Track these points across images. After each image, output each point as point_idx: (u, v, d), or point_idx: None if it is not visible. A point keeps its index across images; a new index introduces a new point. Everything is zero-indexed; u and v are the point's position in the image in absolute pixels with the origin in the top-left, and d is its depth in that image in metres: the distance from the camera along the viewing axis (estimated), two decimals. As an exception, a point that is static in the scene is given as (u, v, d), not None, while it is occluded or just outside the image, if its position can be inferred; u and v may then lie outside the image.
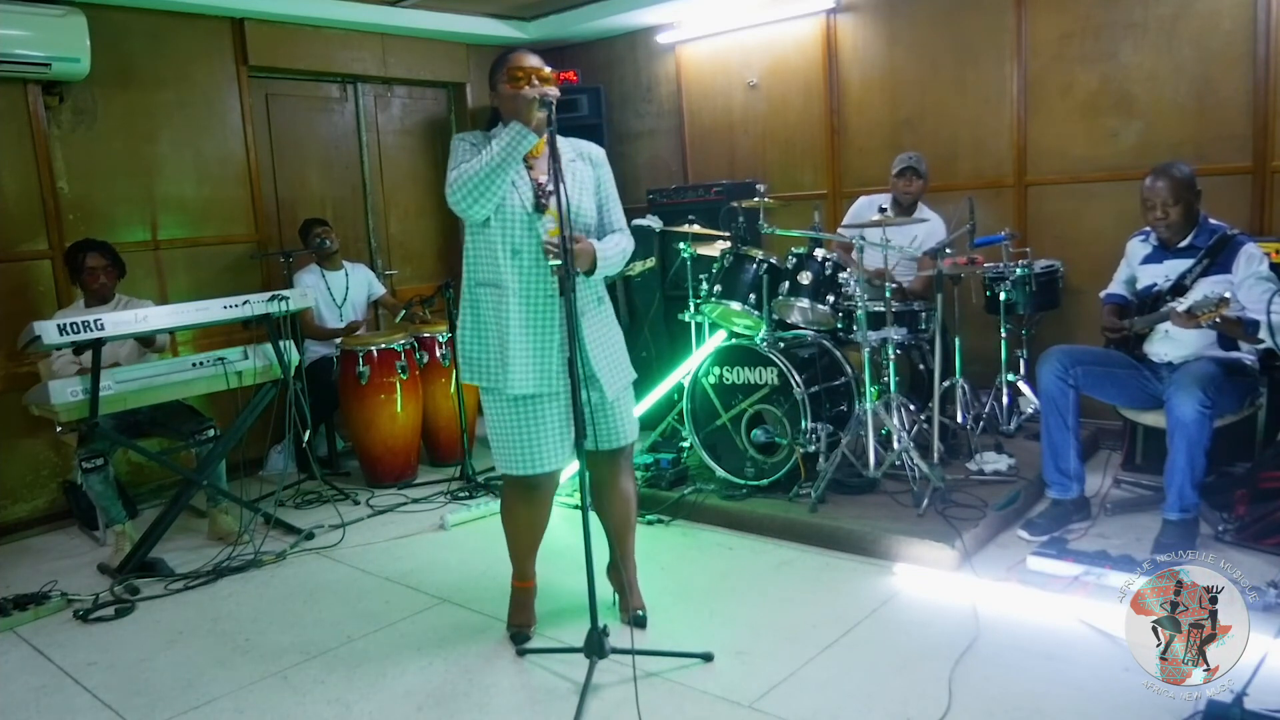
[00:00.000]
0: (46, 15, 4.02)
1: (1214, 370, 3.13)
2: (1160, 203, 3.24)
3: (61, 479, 4.40)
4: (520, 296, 2.55)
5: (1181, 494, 3.10)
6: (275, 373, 3.85)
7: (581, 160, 2.70)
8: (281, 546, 3.77)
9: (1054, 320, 4.54)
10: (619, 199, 2.78)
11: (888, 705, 2.36)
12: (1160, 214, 3.25)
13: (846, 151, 5.27)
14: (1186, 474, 3.07)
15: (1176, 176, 3.22)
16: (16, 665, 2.94)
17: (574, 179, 2.63)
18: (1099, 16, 4.34)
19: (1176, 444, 3.08)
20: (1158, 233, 3.34)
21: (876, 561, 3.26)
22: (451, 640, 2.89)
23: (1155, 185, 3.24)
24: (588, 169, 2.70)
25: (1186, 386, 3.07)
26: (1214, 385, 3.06)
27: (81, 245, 3.97)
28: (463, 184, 2.48)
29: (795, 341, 3.92)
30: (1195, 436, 3.04)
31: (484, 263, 2.59)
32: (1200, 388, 3.03)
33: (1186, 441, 3.05)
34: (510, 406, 2.61)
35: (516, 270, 2.54)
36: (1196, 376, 3.09)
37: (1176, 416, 3.06)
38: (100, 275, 3.93)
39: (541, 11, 5.73)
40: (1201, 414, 3.02)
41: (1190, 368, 3.19)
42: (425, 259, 6.12)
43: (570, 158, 2.66)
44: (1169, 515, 3.13)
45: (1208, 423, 3.04)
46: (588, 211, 2.65)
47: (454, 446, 4.80)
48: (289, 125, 5.34)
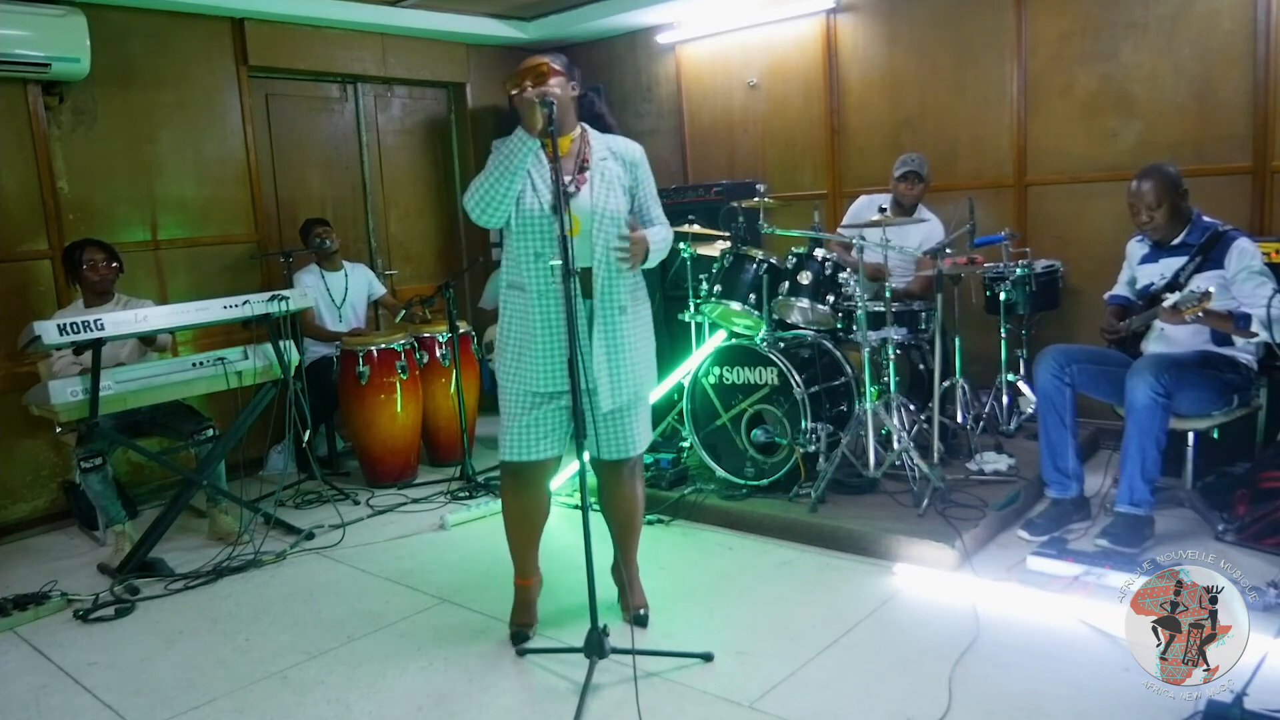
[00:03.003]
0: (46, 15, 4.02)
1: (1175, 360, 3.12)
2: (1144, 206, 3.25)
3: (61, 479, 4.40)
4: (541, 299, 2.56)
5: (1132, 486, 3.10)
6: (275, 373, 3.85)
7: (614, 158, 2.67)
8: (281, 546, 3.77)
9: (1054, 320, 4.54)
10: (657, 196, 2.79)
11: (888, 705, 2.36)
12: (1145, 218, 3.27)
13: (846, 151, 5.27)
14: (1137, 464, 3.07)
15: (1158, 179, 3.22)
16: (16, 665, 2.93)
17: (602, 177, 2.62)
18: (1099, 16, 4.34)
19: (1129, 431, 3.10)
20: (1147, 235, 3.36)
21: (876, 561, 3.26)
22: (451, 640, 2.89)
23: (1139, 189, 3.25)
24: (618, 167, 2.67)
25: (1140, 371, 3.08)
26: (1170, 374, 3.05)
27: (78, 243, 3.97)
28: (474, 194, 2.54)
29: (795, 341, 3.92)
30: (1146, 424, 3.04)
31: (510, 265, 2.65)
32: (1154, 374, 3.03)
33: (1138, 429, 3.06)
34: (515, 396, 2.65)
35: (537, 273, 2.56)
36: (1153, 363, 3.10)
37: (1129, 401, 3.07)
38: (100, 266, 3.91)
39: (541, 11, 5.73)
40: (1153, 400, 3.01)
41: (1152, 356, 3.20)
42: (425, 259, 6.12)
43: (601, 155, 2.65)
44: (1118, 506, 3.15)
45: (1160, 412, 3.03)
46: (614, 209, 2.61)
47: (454, 446, 4.80)
48: (289, 125, 5.34)
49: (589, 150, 2.64)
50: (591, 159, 2.63)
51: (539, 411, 2.64)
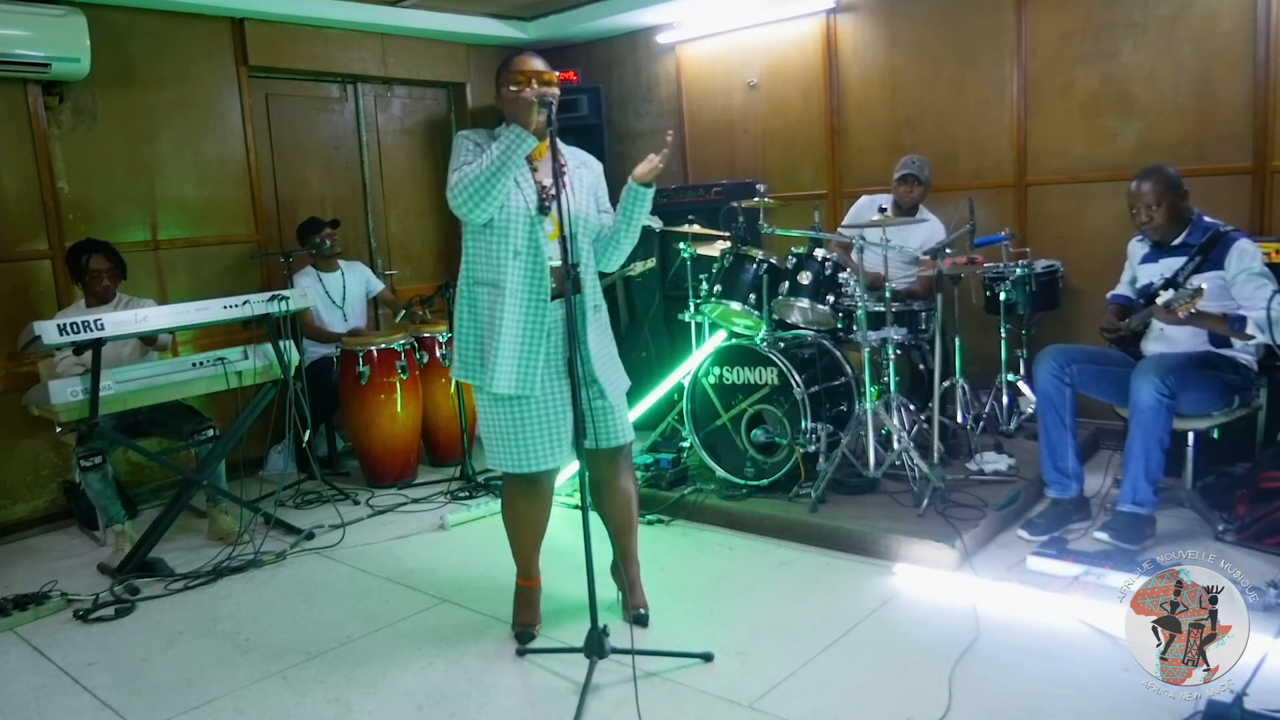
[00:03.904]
0: (46, 15, 4.02)
1: (1178, 362, 3.13)
2: (1144, 206, 3.26)
3: (61, 479, 4.40)
4: (516, 297, 2.55)
5: (1135, 486, 3.11)
6: (275, 373, 3.85)
7: (585, 168, 2.74)
8: (281, 546, 3.77)
9: (1054, 320, 4.54)
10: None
11: (888, 705, 2.36)
12: (1145, 217, 3.27)
13: (846, 151, 5.27)
14: (1140, 464, 3.08)
15: (1157, 179, 3.23)
16: (16, 665, 2.94)
17: (580, 185, 2.66)
18: (1099, 16, 4.34)
19: (1133, 432, 3.10)
20: (1146, 235, 3.37)
21: (876, 561, 3.26)
22: (451, 640, 2.89)
23: (1139, 189, 3.26)
24: (589, 176, 2.73)
25: (1145, 373, 3.09)
26: (1174, 375, 3.06)
27: (84, 247, 3.95)
28: (464, 187, 2.48)
29: (795, 341, 3.92)
30: (1150, 425, 3.05)
31: (482, 262, 2.61)
32: (1159, 375, 3.04)
33: (1142, 430, 3.06)
34: (497, 405, 2.63)
35: (517, 271, 2.55)
36: (1156, 365, 3.11)
37: (1133, 402, 3.08)
38: (104, 278, 3.92)
39: (541, 11, 5.73)
40: (1158, 401, 3.02)
41: (1156, 357, 3.20)
42: (425, 259, 6.12)
43: (576, 164, 2.70)
44: (1121, 505, 3.15)
45: (1164, 413, 3.04)
46: (591, 215, 2.70)
47: (454, 446, 4.80)
48: (289, 125, 5.34)
49: (563, 157, 2.65)
50: (568, 165, 2.66)
51: (525, 415, 2.60)
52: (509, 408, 2.61)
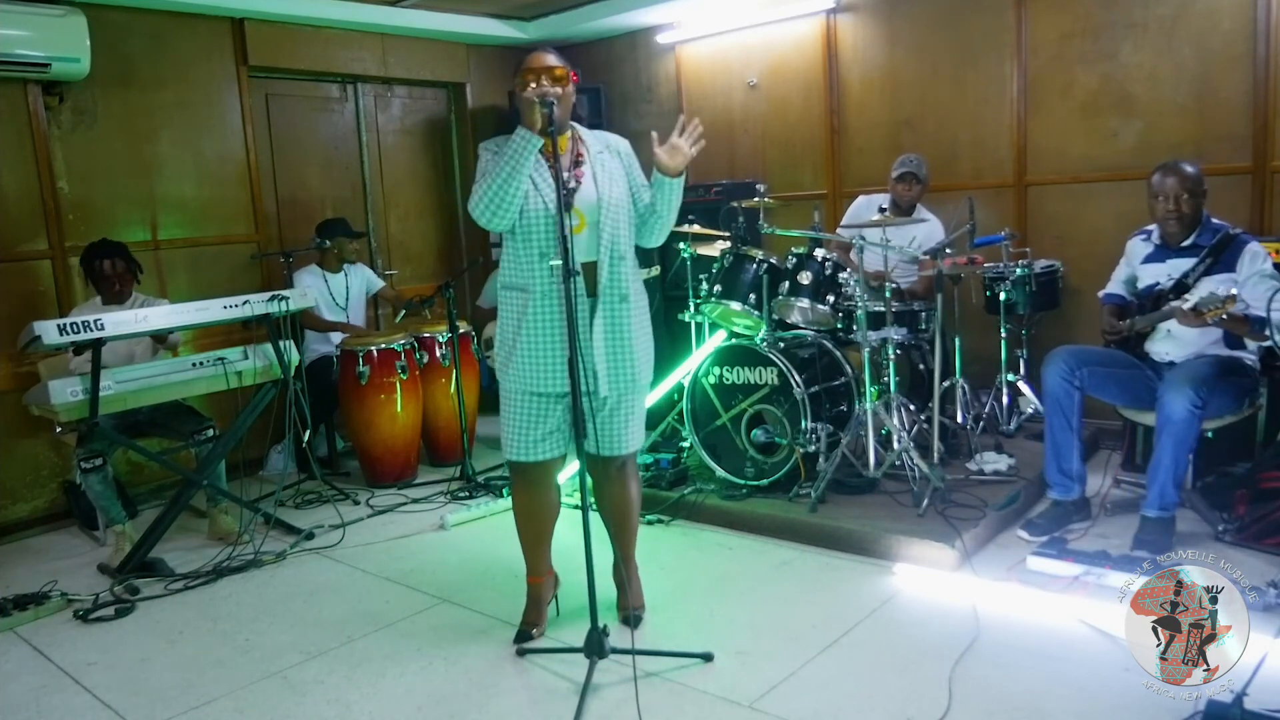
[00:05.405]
0: (46, 15, 4.02)
1: (1209, 370, 3.13)
2: (1173, 195, 3.22)
3: (61, 479, 4.40)
4: (548, 299, 2.56)
5: (1163, 492, 3.10)
6: (275, 373, 3.85)
7: (609, 152, 2.72)
8: (281, 546, 3.77)
9: (1054, 320, 4.54)
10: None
11: (888, 705, 2.36)
12: (1172, 206, 3.23)
13: (846, 151, 5.27)
14: (1170, 472, 3.08)
15: (1188, 171, 3.22)
16: (16, 665, 2.93)
17: (604, 171, 2.65)
18: (1099, 16, 4.34)
19: (1163, 442, 3.09)
20: (1165, 227, 3.31)
21: (876, 561, 3.26)
22: (451, 640, 2.89)
23: (1166, 180, 3.24)
24: (615, 161, 2.71)
25: (1178, 385, 3.07)
26: (1207, 385, 3.06)
27: (98, 251, 3.92)
28: (480, 200, 2.52)
29: (795, 341, 3.92)
30: (1182, 435, 3.04)
31: (510, 267, 2.65)
32: (1193, 387, 3.03)
33: (1173, 440, 3.06)
34: (514, 396, 2.66)
35: (542, 273, 2.56)
36: (1190, 375, 3.09)
37: (1166, 414, 3.07)
38: (116, 283, 3.92)
39: (541, 11, 5.73)
40: (1191, 413, 3.02)
41: (1186, 366, 3.19)
42: (425, 259, 6.12)
43: (598, 150, 2.69)
44: (1148, 512, 3.14)
45: (1196, 423, 3.04)
46: (620, 198, 2.66)
47: (454, 446, 4.80)
48: (289, 125, 5.34)
49: (583, 146, 2.67)
50: (588, 153, 2.65)
51: (540, 411, 2.65)
52: (520, 399, 2.66)
